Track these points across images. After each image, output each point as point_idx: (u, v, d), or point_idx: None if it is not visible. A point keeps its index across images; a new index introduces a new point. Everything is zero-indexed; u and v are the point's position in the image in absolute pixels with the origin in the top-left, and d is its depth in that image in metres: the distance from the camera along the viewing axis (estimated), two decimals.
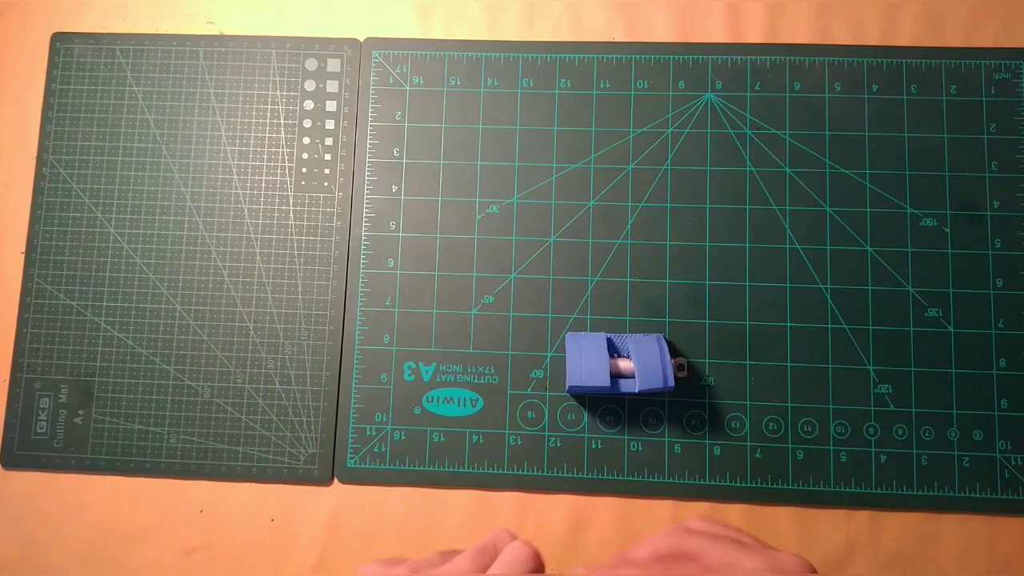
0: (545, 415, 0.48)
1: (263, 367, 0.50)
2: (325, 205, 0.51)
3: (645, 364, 0.44)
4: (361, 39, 0.53)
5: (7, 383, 0.50)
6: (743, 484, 0.47)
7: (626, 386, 0.45)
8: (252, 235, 0.51)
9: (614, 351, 0.47)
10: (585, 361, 0.45)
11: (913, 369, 0.48)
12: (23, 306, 0.51)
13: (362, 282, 0.50)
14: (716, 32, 0.52)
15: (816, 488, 0.47)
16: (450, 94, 0.52)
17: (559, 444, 0.48)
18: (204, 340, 0.50)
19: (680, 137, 0.51)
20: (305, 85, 0.52)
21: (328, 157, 0.52)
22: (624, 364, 0.45)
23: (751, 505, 0.47)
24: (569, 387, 0.46)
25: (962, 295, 0.48)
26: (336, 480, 0.49)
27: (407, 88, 0.52)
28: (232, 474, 0.49)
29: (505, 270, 0.50)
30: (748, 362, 0.48)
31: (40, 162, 0.52)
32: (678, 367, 0.48)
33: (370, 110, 0.52)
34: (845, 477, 0.47)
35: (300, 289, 0.50)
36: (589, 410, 0.48)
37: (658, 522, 0.47)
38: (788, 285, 0.49)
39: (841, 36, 0.52)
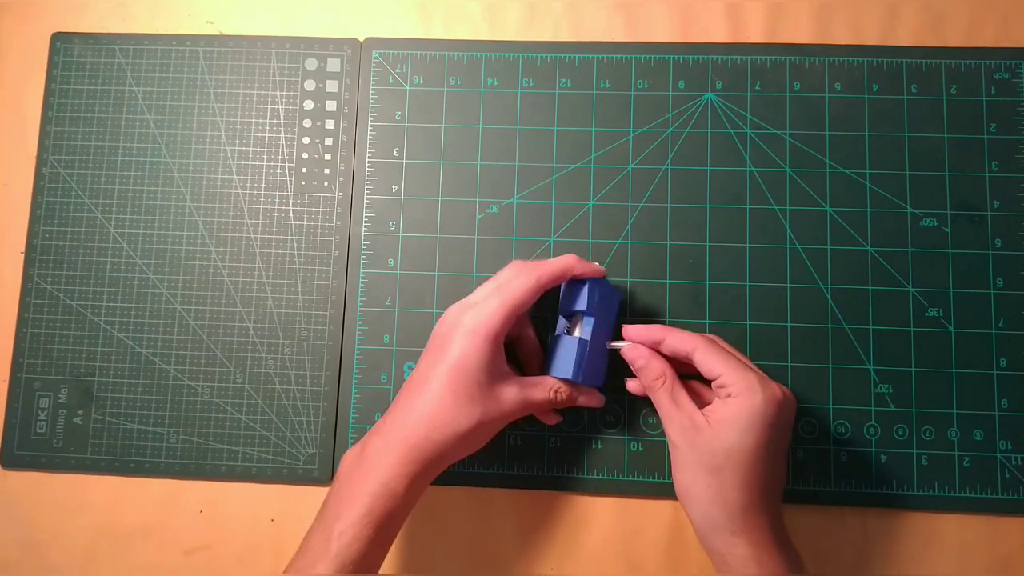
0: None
1: (263, 367, 0.50)
2: (325, 205, 0.51)
3: (562, 354, 0.44)
4: (361, 39, 0.53)
5: (7, 383, 0.50)
6: None
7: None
8: (252, 235, 0.51)
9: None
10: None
11: (913, 369, 0.48)
12: (23, 306, 0.51)
13: (362, 282, 0.50)
14: (716, 32, 0.52)
15: (816, 488, 0.47)
16: (450, 94, 0.52)
17: (559, 444, 0.48)
18: (204, 340, 0.50)
19: (680, 137, 0.51)
20: (305, 85, 0.52)
21: (328, 157, 0.52)
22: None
23: None
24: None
25: (962, 295, 0.48)
26: None
27: (407, 88, 0.52)
28: (232, 474, 0.49)
29: None
30: None
31: (40, 162, 0.52)
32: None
33: (370, 110, 0.52)
34: (845, 477, 0.47)
35: (300, 289, 0.50)
36: (589, 410, 0.48)
37: (658, 522, 0.47)
38: (788, 285, 0.49)
39: (841, 36, 0.51)
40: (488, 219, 0.50)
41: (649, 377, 0.42)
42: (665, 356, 0.43)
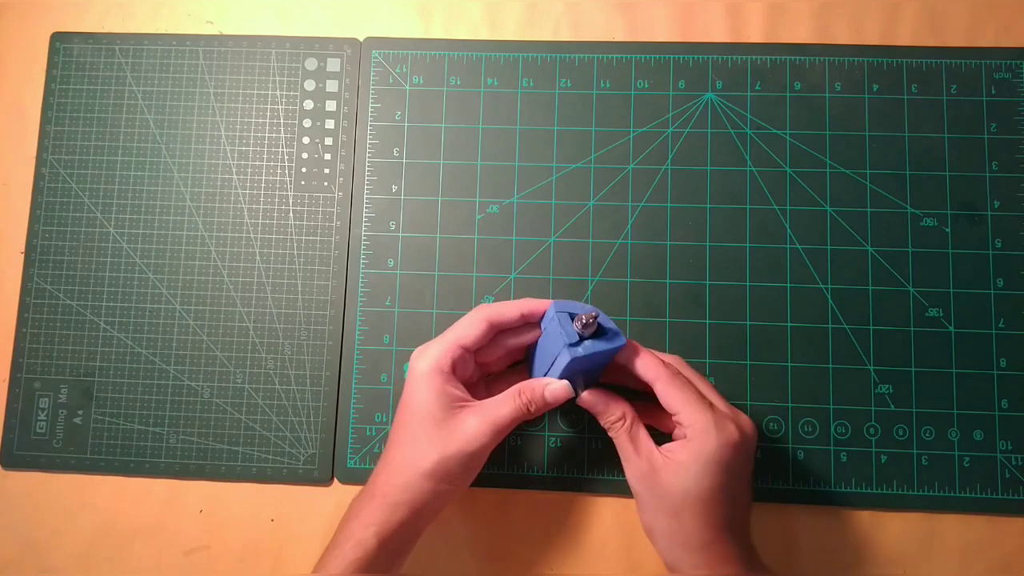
0: (545, 415, 0.48)
1: (263, 367, 0.50)
2: (325, 205, 0.51)
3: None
4: (361, 39, 0.53)
5: (7, 383, 0.50)
6: None
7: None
8: (252, 235, 0.51)
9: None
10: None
11: (914, 369, 0.48)
12: (23, 306, 0.51)
13: (362, 282, 0.50)
14: (716, 32, 0.52)
15: (816, 488, 0.47)
16: (450, 94, 0.52)
17: (559, 444, 0.48)
18: (204, 340, 0.50)
19: (680, 137, 0.51)
20: (305, 85, 0.52)
21: (328, 157, 0.52)
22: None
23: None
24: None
25: (962, 295, 0.48)
26: (336, 480, 0.49)
27: (407, 88, 0.52)
28: (232, 474, 0.49)
29: (505, 270, 0.50)
30: (748, 362, 0.48)
31: (40, 162, 0.52)
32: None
33: (370, 110, 0.52)
34: (845, 477, 0.47)
35: (300, 289, 0.50)
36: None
37: None
38: (788, 285, 0.49)
39: (841, 36, 0.51)
40: (488, 219, 0.50)
41: (609, 420, 0.41)
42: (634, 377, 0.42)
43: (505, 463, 0.48)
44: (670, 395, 0.40)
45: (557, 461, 0.48)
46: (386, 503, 0.40)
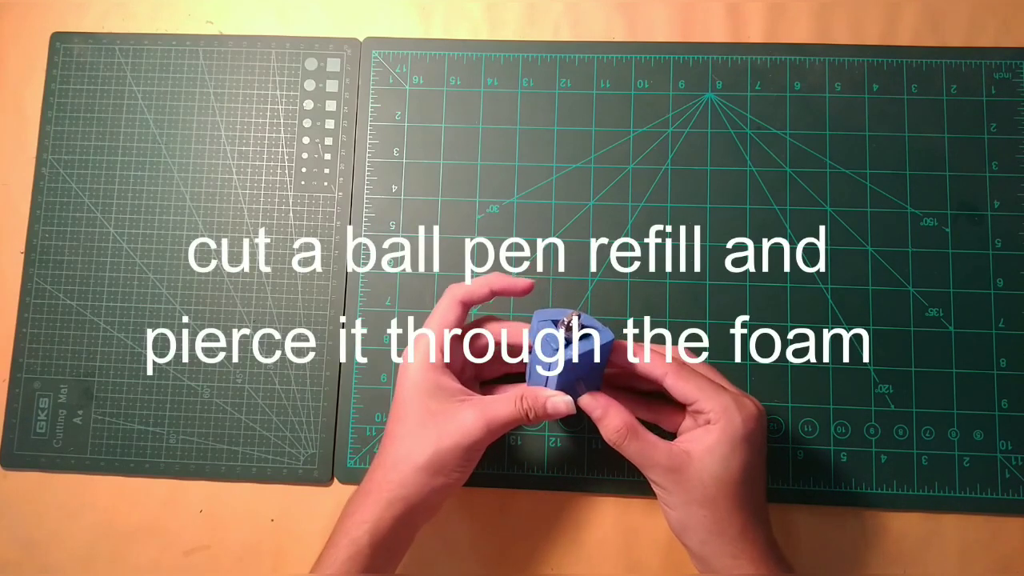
0: None
1: (263, 367, 0.50)
2: (325, 205, 0.51)
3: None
4: (361, 39, 0.53)
5: (7, 383, 0.50)
6: None
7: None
8: (252, 235, 0.51)
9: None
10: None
11: (914, 369, 0.48)
12: (23, 306, 0.51)
13: (362, 282, 0.50)
14: (716, 32, 0.52)
15: (816, 488, 0.47)
16: (450, 94, 0.52)
17: (559, 444, 0.48)
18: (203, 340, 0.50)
19: (680, 137, 0.51)
20: (305, 85, 0.52)
21: (328, 157, 0.52)
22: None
23: None
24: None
25: (962, 295, 0.48)
26: (336, 480, 0.49)
27: (407, 88, 0.52)
28: (232, 474, 0.49)
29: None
30: (749, 362, 0.48)
31: (40, 162, 0.52)
32: None
33: (370, 110, 0.52)
34: (845, 477, 0.47)
35: (300, 289, 0.50)
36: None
37: (658, 522, 0.47)
38: (788, 285, 0.49)
39: (841, 36, 0.51)
40: (488, 219, 0.50)
41: (610, 430, 0.40)
42: (631, 375, 0.41)
43: (505, 463, 0.48)
44: (682, 386, 0.40)
45: (557, 461, 0.48)
46: (381, 499, 0.40)
